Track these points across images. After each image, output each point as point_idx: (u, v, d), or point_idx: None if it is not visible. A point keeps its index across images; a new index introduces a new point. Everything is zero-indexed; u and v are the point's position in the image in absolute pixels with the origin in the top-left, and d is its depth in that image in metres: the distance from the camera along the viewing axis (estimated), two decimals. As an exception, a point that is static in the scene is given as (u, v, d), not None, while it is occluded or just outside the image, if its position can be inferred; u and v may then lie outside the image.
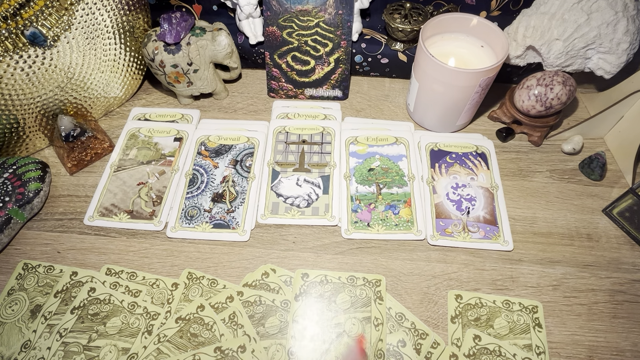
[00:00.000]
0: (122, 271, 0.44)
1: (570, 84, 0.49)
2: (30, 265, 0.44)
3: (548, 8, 0.48)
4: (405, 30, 0.54)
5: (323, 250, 0.45)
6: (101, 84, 0.54)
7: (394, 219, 0.47)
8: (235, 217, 0.47)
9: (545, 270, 0.44)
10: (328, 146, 0.53)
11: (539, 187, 0.51)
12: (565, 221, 0.48)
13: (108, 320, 0.40)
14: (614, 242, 0.46)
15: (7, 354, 0.39)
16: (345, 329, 0.40)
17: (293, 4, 0.53)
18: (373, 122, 0.56)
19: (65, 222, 0.48)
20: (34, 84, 0.48)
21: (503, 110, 0.55)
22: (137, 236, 0.47)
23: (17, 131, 0.50)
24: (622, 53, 0.48)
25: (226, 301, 0.41)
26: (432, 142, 0.53)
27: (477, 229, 0.46)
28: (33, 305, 0.41)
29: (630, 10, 0.47)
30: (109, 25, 0.51)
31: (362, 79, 0.62)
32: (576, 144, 0.52)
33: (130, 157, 0.52)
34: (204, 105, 0.59)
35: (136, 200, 0.49)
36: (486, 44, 0.50)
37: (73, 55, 0.50)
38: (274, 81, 0.58)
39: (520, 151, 0.54)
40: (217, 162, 0.52)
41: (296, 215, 0.48)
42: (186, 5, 0.59)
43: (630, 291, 0.43)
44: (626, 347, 0.40)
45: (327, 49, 0.55)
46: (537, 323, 0.40)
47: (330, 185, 0.50)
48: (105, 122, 0.57)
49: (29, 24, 0.45)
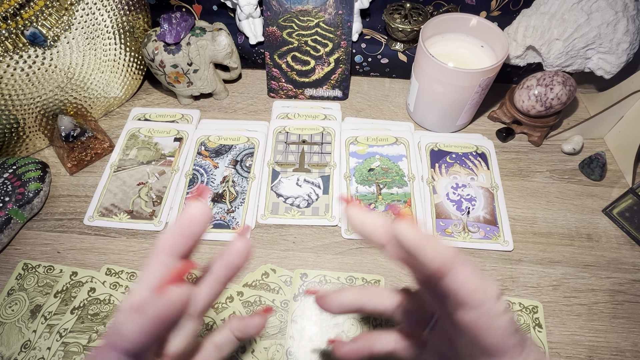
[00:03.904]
0: (122, 271, 0.44)
1: (570, 84, 0.49)
2: (30, 265, 0.44)
3: (548, 8, 0.48)
4: (405, 30, 0.54)
5: (323, 251, 0.45)
6: (101, 84, 0.54)
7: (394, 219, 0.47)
8: (235, 217, 0.47)
9: (545, 270, 0.44)
10: (328, 146, 0.53)
11: (539, 187, 0.51)
12: (565, 221, 0.48)
13: (108, 321, 0.40)
14: (614, 242, 0.46)
15: (7, 354, 0.39)
16: (344, 329, 0.40)
17: (293, 4, 0.53)
18: (373, 122, 0.56)
19: (65, 222, 0.48)
20: (34, 84, 0.48)
21: (503, 110, 0.55)
22: (137, 236, 0.47)
23: (17, 131, 0.50)
24: (622, 53, 0.47)
25: (226, 301, 0.41)
26: (432, 142, 0.53)
27: (477, 229, 0.46)
28: (33, 305, 0.41)
29: (630, 10, 0.47)
30: (109, 25, 0.51)
31: (362, 79, 0.62)
32: (576, 144, 0.52)
33: (130, 157, 0.52)
34: (204, 105, 0.59)
35: (136, 200, 0.49)
36: (486, 44, 0.50)
37: (73, 56, 0.50)
38: (274, 81, 0.58)
39: (520, 151, 0.54)
40: (217, 162, 0.52)
41: (296, 215, 0.48)
42: (186, 5, 0.59)
43: (630, 291, 0.43)
44: (626, 347, 0.40)
45: (327, 49, 0.55)
46: (537, 323, 0.40)
47: (330, 185, 0.50)
48: (105, 122, 0.57)
49: (29, 24, 0.45)
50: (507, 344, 0.19)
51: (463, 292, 0.18)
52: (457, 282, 0.18)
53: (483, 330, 0.18)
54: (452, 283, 0.18)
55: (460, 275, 0.18)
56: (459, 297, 0.18)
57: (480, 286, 0.18)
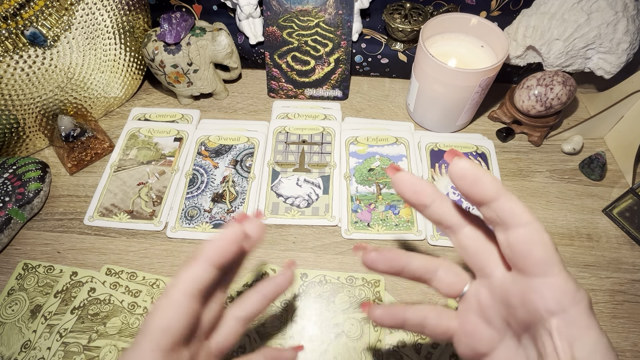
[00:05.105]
0: (122, 271, 0.44)
1: (570, 84, 0.49)
2: (30, 265, 0.44)
3: (548, 8, 0.48)
4: (405, 30, 0.54)
5: (323, 251, 0.45)
6: (101, 84, 0.54)
7: (394, 219, 0.47)
8: (235, 217, 0.47)
9: (545, 271, 0.44)
10: (328, 146, 0.53)
11: (539, 187, 0.51)
12: (565, 221, 0.48)
13: (108, 321, 0.40)
14: (614, 242, 0.46)
15: (7, 354, 0.39)
16: (344, 329, 0.40)
17: (293, 4, 0.53)
18: (373, 122, 0.56)
19: (65, 222, 0.48)
20: (34, 84, 0.48)
21: (503, 110, 0.55)
22: (137, 236, 0.47)
23: (17, 131, 0.50)
24: (622, 53, 0.47)
25: (226, 301, 0.41)
26: (432, 142, 0.53)
27: (477, 229, 0.46)
28: (33, 305, 0.41)
29: (630, 10, 0.47)
30: (109, 25, 0.51)
31: (362, 79, 0.62)
32: (576, 144, 0.52)
33: (130, 157, 0.52)
34: (204, 105, 0.59)
35: (136, 200, 0.49)
36: (486, 44, 0.50)
37: (73, 56, 0.50)
38: (274, 81, 0.58)
39: (520, 151, 0.54)
40: (217, 162, 0.52)
41: (296, 215, 0.48)
42: (186, 5, 0.59)
43: (630, 291, 0.43)
44: (626, 347, 0.40)
45: (327, 49, 0.55)
46: (537, 323, 0.40)
47: (330, 185, 0.50)
48: (105, 122, 0.57)
49: (29, 24, 0.45)
50: (553, 257, 0.21)
51: (517, 210, 0.21)
52: (511, 203, 0.21)
53: (535, 244, 0.21)
54: (507, 204, 0.21)
55: (510, 199, 0.21)
56: (514, 215, 0.21)
57: (526, 209, 0.21)
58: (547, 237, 0.21)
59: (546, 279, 0.21)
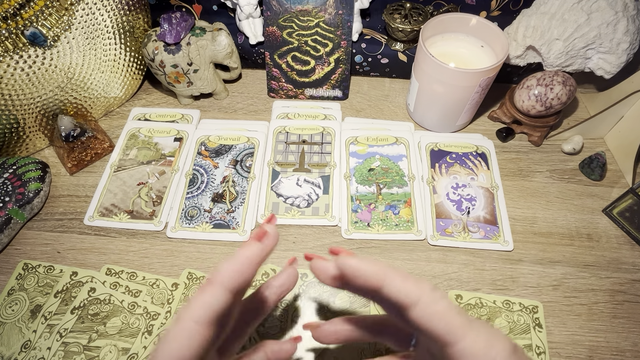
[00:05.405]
0: (122, 271, 0.44)
1: (570, 84, 0.49)
2: (30, 265, 0.44)
3: (548, 8, 0.48)
4: (405, 30, 0.54)
5: (323, 251, 0.45)
6: (101, 84, 0.54)
7: (394, 219, 0.47)
8: (236, 217, 0.47)
9: (545, 270, 0.44)
10: (328, 146, 0.53)
11: (539, 187, 0.51)
12: (565, 221, 0.48)
13: (108, 321, 0.40)
14: (614, 242, 0.46)
15: (7, 354, 0.39)
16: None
17: (293, 4, 0.53)
18: (373, 122, 0.56)
19: (65, 222, 0.48)
20: (34, 84, 0.48)
21: (503, 110, 0.55)
22: (137, 236, 0.47)
23: (17, 131, 0.50)
24: (622, 53, 0.47)
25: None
26: (432, 142, 0.53)
27: (477, 229, 0.46)
28: (33, 305, 0.41)
29: (630, 10, 0.47)
30: (109, 25, 0.51)
31: (362, 79, 0.62)
32: (576, 144, 0.52)
33: (130, 157, 0.52)
34: (204, 105, 0.59)
35: (136, 200, 0.49)
36: (486, 44, 0.50)
37: (73, 56, 0.50)
38: (274, 81, 0.58)
39: (520, 151, 0.54)
40: (217, 162, 0.52)
41: (296, 215, 0.48)
42: (186, 5, 0.59)
43: (630, 291, 0.43)
44: (626, 347, 0.40)
45: (327, 49, 0.55)
46: (538, 323, 0.40)
47: (330, 185, 0.50)
48: (105, 122, 0.57)
49: (29, 24, 0.45)
50: (454, 324, 0.20)
51: (401, 295, 0.21)
52: (393, 289, 0.21)
53: (429, 321, 0.20)
54: (390, 292, 0.21)
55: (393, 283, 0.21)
56: (400, 301, 0.21)
57: (413, 285, 0.21)
58: (442, 306, 0.21)
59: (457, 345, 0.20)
